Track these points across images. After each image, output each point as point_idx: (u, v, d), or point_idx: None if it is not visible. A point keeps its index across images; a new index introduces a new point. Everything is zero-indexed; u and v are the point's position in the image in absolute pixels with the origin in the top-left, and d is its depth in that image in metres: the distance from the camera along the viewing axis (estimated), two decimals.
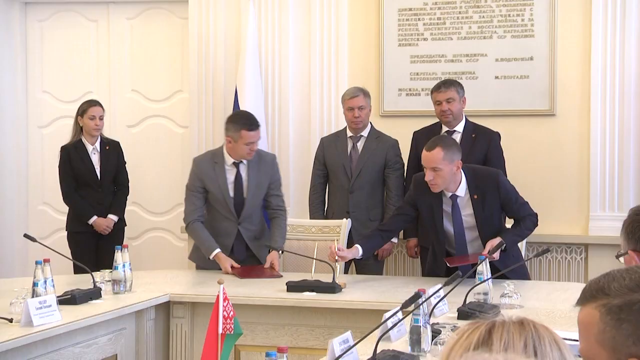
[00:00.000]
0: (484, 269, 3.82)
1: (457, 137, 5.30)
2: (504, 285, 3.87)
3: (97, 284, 4.21)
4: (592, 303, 1.55)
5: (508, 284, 3.86)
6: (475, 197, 4.54)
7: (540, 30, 5.90)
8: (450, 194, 4.54)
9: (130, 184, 6.24)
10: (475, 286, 3.74)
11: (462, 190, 4.55)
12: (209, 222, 5.11)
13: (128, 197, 6.24)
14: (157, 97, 6.83)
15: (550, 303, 3.99)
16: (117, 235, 5.97)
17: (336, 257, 4.50)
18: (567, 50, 5.86)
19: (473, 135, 5.34)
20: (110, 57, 6.89)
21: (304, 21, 6.24)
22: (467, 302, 3.63)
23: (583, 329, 1.58)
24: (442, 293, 3.42)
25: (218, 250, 4.97)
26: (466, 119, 5.43)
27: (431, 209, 4.60)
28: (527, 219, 4.67)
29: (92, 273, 4.23)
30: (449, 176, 4.43)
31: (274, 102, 6.27)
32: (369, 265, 5.42)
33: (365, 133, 5.58)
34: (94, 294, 4.13)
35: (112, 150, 6.07)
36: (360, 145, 5.57)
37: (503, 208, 4.63)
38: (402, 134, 5.68)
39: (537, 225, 4.72)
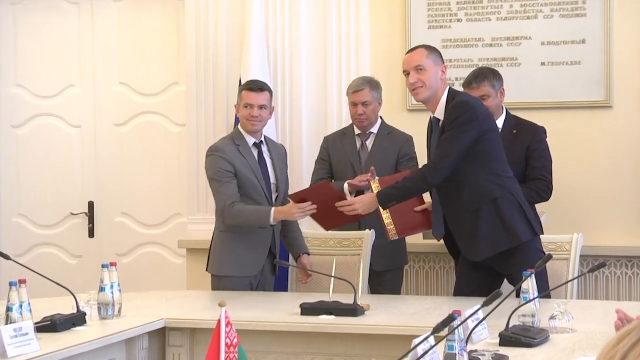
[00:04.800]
0: (530, 286, 3.80)
1: None
2: (554, 306, 3.85)
3: (81, 307, 4.21)
4: None
5: (558, 304, 3.84)
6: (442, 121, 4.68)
7: (593, 8, 5.87)
8: (432, 116, 4.72)
9: (118, 193, 6.24)
10: (519, 307, 3.72)
11: (440, 111, 4.69)
12: None
13: (116, 207, 6.24)
14: (149, 91, 6.85)
15: (608, 326, 3.95)
16: None
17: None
18: (624, 31, 5.84)
19: (514, 131, 5.33)
20: (94, 46, 6.92)
21: (319, 3, 6.25)
22: (510, 325, 3.62)
23: None
24: (480, 315, 3.41)
25: (273, 208, 5.04)
26: (507, 112, 5.42)
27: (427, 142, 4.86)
28: (423, 168, 4.67)
29: (75, 295, 4.24)
30: (434, 80, 4.64)
31: (284, 96, 6.27)
32: (384, 282, 5.42)
33: (374, 129, 5.60)
34: (78, 319, 4.13)
35: None
36: (369, 143, 5.59)
37: None
38: None
39: (427, 182, 4.62)
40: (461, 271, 4.88)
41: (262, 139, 5.27)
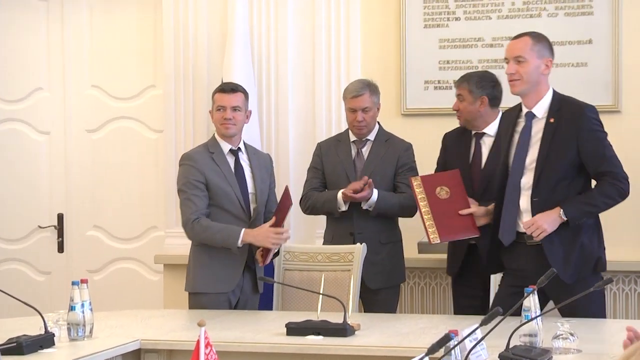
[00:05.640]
0: (532, 303, 3.82)
1: (489, 141, 5.39)
2: (557, 325, 3.87)
3: (49, 328, 4.21)
4: None
5: (562, 323, 3.85)
6: (552, 120, 4.61)
7: (601, 6, 5.90)
8: (527, 110, 4.66)
9: (90, 204, 6.23)
10: (520, 326, 3.74)
11: (541, 108, 4.65)
12: None
13: (88, 220, 6.23)
14: (124, 95, 6.85)
15: (616, 346, 3.96)
16: None
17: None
18: (634, 31, 5.86)
19: None
20: (64, 46, 6.92)
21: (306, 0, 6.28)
22: (510, 345, 3.63)
23: None
24: (479, 334, 3.42)
25: (244, 230, 5.08)
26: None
27: (505, 135, 4.76)
28: (608, 180, 4.57)
29: (43, 315, 4.23)
30: (534, 73, 4.63)
31: (269, 100, 6.28)
32: (379, 300, 5.45)
33: (371, 136, 5.61)
34: (46, 341, 4.12)
35: None
36: (366, 150, 5.60)
37: (580, 153, 4.58)
38: (430, 138, 5.68)
39: (624, 195, 4.60)
40: (502, 293, 4.76)
41: (241, 145, 5.28)
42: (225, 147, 5.24)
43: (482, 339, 3.42)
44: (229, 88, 5.28)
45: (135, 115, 6.84)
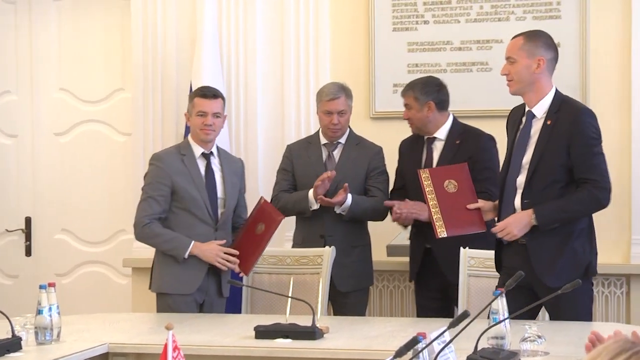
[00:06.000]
0: (500, 306, 3.83)
1: (439, 145, 5.42)
2: (525, 327, 3.89)
3: (16, 332, 4.19)
4: None
5: (530, 326, 3.87)
6: (549, 122, 4.59)
7: (568, 10, 5.94)
8: (528, 109, 4.65)
9: (58, 208, 6.19)
10: (489, 328, 3.75)
11: (541, 108, 4.64)
12: (180, 232, 5.19)
13: (56, 223, 6.20)
14: (92, 98, 6.83)
15: (583, 348, 3.99)
16: None
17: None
18: (601, 34, 5.90)
19: (457, 142, 5.37)
20: (32, 49, 6.89)
21: (276, 3, 6.27)
22: (479, 348, 3.65)
23: None
24: (447, 337, 3.44)
25: (193, 242, 5.09)
26: (453, 122, 5.44)
27: (511, 133, 4.74)
28: (587, 188, 4.51)
29: (10, 319, 4.22)
30: (524, 73, 4.61)
31: (238, 103, 6.28)
32: (349, 303, 5.46)
33: (343, 139, 5.62)
34: (12, 345, 4.10)
35: None
36: (337, 153, 5.61)
37: (570, 155, 4.54)
38: (399, 141, 5.68)
39: (601, 205, 4.55)
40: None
41: (214, 150, 5.28)
42: (198, 150, 5.23)
43: (450, 341, 3.44)
44: (210, 94, 5.24)
45: (103, 119, 6.82)
